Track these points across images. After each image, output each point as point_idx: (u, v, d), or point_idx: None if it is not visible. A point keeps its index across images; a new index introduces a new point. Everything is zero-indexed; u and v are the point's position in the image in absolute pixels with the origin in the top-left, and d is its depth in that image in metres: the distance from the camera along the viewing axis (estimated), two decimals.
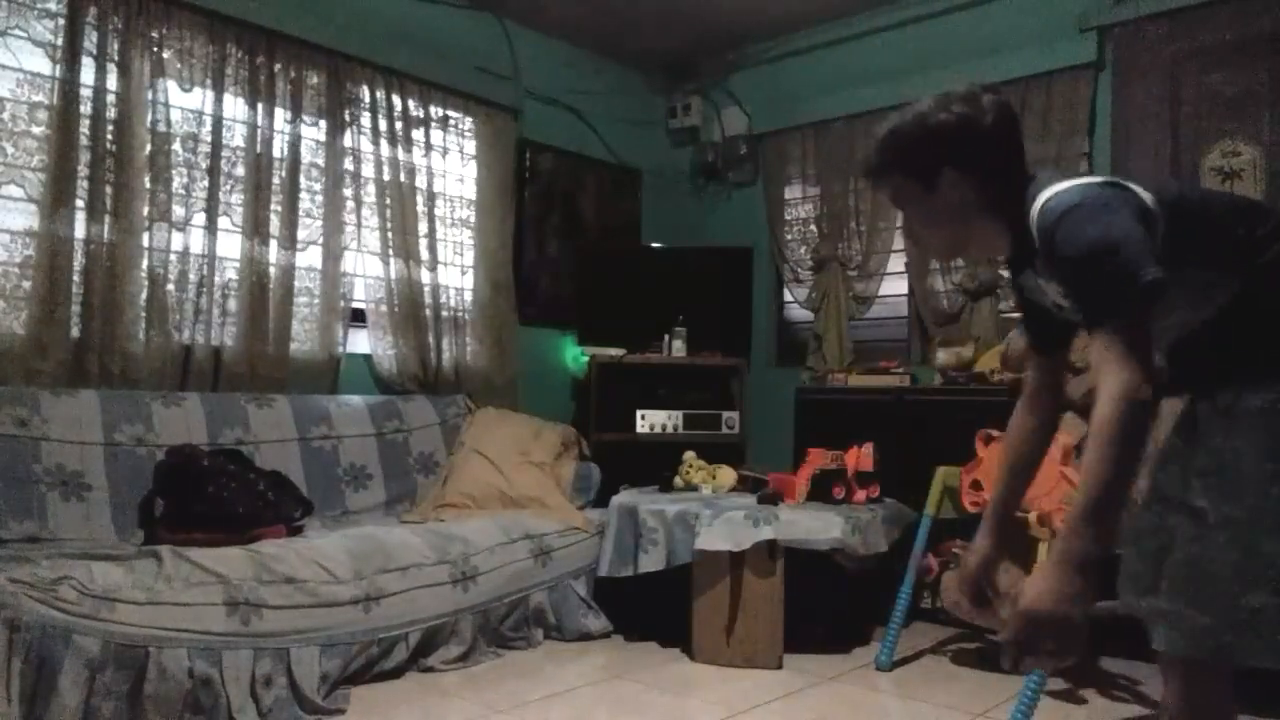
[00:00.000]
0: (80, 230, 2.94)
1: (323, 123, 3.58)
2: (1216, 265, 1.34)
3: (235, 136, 3.32)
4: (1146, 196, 1.33)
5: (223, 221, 3.29)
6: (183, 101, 3.20)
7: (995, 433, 2.81)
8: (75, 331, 2.94)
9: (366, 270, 3.73)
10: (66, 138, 2.90)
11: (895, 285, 4.26)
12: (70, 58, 2.91)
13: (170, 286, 3.15)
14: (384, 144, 3.76)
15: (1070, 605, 1.21)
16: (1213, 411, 1.36)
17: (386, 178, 3.77)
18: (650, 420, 4.09)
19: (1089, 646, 1.26)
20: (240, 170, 3.33)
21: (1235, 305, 1.34)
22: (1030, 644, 1.22)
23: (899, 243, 4.17)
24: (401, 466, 3.53)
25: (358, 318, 3.75)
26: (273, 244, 3.41)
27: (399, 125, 3.82)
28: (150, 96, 3.10)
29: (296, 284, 3.48)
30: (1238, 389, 1.33)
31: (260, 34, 3.36)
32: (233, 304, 3.31)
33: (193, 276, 3.20)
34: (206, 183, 3.24)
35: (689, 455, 3.64)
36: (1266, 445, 1.28)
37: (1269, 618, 1.24)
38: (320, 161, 3.58)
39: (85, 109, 2.95)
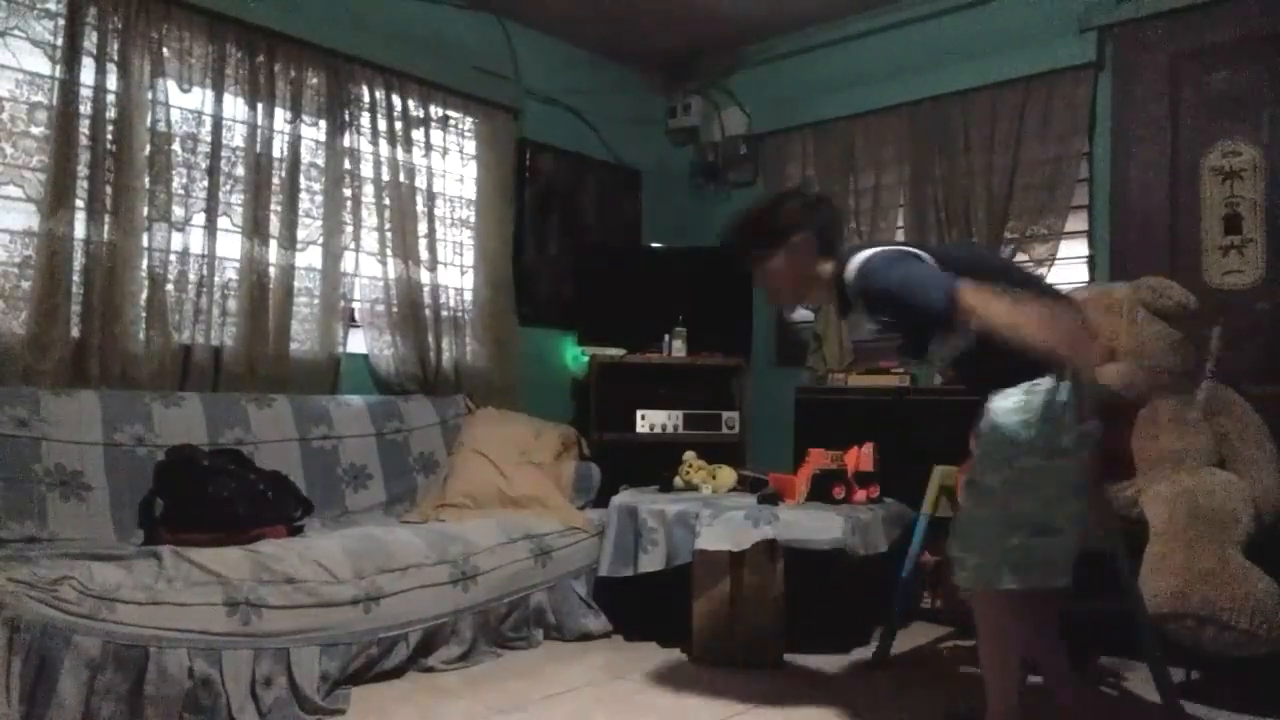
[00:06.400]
0: (80, 230, 2.94)
1: (323, 123, 3.57)
2: None
3: (235, 136, 3.32)
4: (930, 261, 1.98)
5: (223, 221, 3.28)
6: (182, 101, 3.20)
7: None
8: (75, 331, 2.94)
9: (366, 270, 3.73)
10: (66, 138, 2.89)
11: None
12: (70, 58, 2.91)
13: (170, 286, 3.14)
14: (384, 144, 3.76)
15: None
16: (981, 409, 1.97)
17: (386, 178, 3.77)
18: (650, 420, 4.09)
19: None
20: (240, 170, 3.32)
21: (985, 335, 1.88)
22: None
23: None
24: (401, 466, 3.53)
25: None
26: (273, 244, 3.40)
27: (399, 125, 3.82)
28: (150, 96, 3.09)
29: (296, 284, 3.47)
30: (993, 392, 1.95)
31: (260, 34, 3.36)
32: (233, 304, 3.31)
33: (193, 276, 3.20)
34: (206, 183, 3.24)
35: (689, 455, 3.63)
36: (1009, 432, 1.90)
37: (1022, 554, 1.90)
38: (320, 161, 3.57)
39: (85, 109, 2.95)
